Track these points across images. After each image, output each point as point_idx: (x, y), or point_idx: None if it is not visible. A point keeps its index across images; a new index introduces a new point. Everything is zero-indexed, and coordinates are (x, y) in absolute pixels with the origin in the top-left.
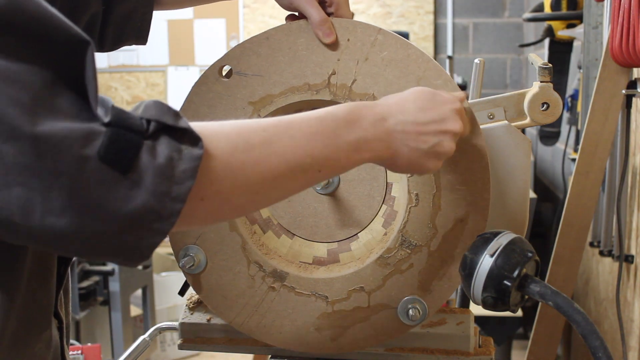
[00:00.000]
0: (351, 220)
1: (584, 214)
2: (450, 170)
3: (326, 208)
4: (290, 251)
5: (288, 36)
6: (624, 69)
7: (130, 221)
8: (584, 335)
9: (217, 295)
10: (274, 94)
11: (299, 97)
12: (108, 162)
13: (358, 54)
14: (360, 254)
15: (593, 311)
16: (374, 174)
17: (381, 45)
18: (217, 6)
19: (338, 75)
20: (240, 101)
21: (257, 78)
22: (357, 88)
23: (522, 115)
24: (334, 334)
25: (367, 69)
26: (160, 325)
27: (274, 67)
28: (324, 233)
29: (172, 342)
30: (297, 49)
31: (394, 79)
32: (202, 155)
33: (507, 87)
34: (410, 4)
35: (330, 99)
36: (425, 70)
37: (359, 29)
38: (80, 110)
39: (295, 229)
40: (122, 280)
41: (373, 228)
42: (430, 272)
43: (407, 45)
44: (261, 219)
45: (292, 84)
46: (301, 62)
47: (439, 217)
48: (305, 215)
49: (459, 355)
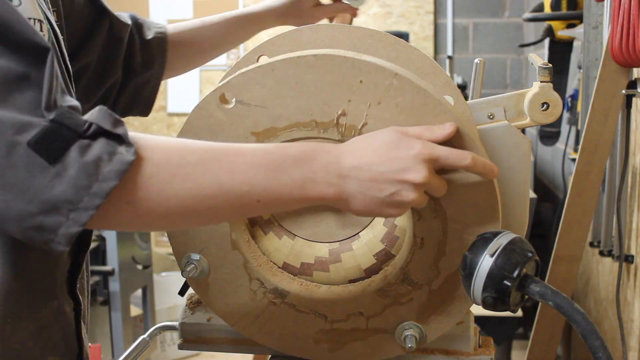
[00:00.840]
0: (352, 219)
1: (584, 214)
2: (459, 220)
3: (327, 208)
4: (292, 252)
5: (295, 70)
6: (624, 69)
7: (49, 206)
8: (584, 335)
9: (220, 302)
10: (278, 127)
11: (305, 134)
12: (37, 150)
13: (370, 97)
14: (362, 254)
15: (593, 311)
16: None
17: (396, 90)
18: (217, 6)
19: (348, 116)
20: (243, 130)
21: (260, 109)
22: (368, 131)
23: (522, 115)
24: (332, 347)
25: (379, 114)
26: (160, 325)
27: (279, 100)
28: (325, 233)
29: (172, 342)
30: (304, 84)
31: (407, 126)
32: (132, 161)
33: (507, 87)
34: (410, 4)
35: (338, 139)
36: (441, 121)
37: (373, 71)
38: (34, 108)
39: (297, 230)
40: (122, 280)
41: (374, 226)
42: (429, 308)
43: (425, 94)
44: (262, 221)
45: (298, 120)
46: (309, 99)
47: (443, 261)
48: (306, 215)
49: (459, 355)
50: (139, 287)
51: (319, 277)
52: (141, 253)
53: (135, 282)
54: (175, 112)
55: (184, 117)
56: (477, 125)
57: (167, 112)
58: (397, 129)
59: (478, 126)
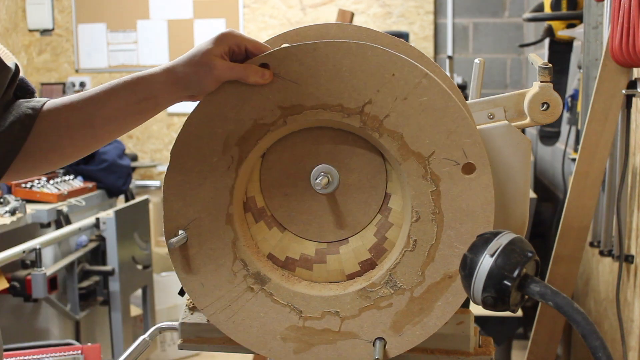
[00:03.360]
0: (344, 224)
1: (584, 214)
2: (454, 227)
3: (321, 208)
4: (279, 244)
5: (335, 53)
6: (624, 69)
7: None
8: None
9: (196, 281)
10: (305, 106)
11: (329, 116)
12: None
13: (398, 92)
14: (347, 259)
15: (593, 311)
16: (374, 183)
17: (424, 89)
18: (217, 6)
19: (373, 105)
20: (271, 103)
21: (292, 85)
22: (388, 123)
23: (522, 115)
24: (298, 348)
25: (402, 108)
26: (160, 325)
27: (313, 79)
28: (315, 232)
29: (172, 342)
30: (340, 68)
31: (425, 126)
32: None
33: (507, 87)
34: (410, 4)
35: (358, 126)
36: (458, 126)
37: (407, 68)
38: None
39: (288, 224)
40: (122, 280)
41: (364, 235)
42: (406, 316)
43: (449, 97)
44: (255, 208)
45: (326, 101)
46: (341, 83)
47: (430, 267)
48: (300, 211)
49: (459, 355)
50: (139, 287)
51: (301, 274)
52: (141, 253)
53: (135, 282)
54: (175, 112)
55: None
56: (477, 125)
57: (167, 112)
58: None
59: (478, 126)
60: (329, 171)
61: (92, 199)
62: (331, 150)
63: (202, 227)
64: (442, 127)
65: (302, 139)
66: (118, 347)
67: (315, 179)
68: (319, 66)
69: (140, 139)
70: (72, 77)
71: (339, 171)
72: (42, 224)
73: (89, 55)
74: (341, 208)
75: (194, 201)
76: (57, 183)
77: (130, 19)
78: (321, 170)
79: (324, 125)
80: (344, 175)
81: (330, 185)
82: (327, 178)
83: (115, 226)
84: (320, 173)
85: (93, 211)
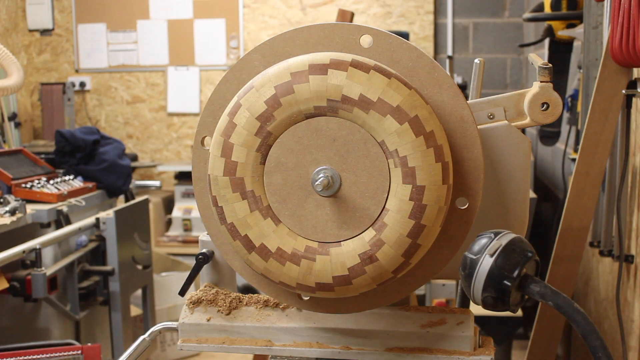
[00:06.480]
0: (339, 227)
1: (584, 214)
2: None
3: (319, 207)
4: (273, 235)
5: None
6: (624, 69)
7: None
8: (584, 335)
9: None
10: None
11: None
12: None
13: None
14: (336, 262)
15: (593, 311)
16: (376, 195)
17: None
18: (217, 6)
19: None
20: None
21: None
22: None
23: (522, 115)
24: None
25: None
26: (160, 325)
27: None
28: (310, 230)
29: (172, 342)
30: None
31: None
32: None
33: (507, 87)
34: (410, 4)
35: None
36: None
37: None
38: None
39: (283, 217)
40: (122, 280)
41: (359, 241)
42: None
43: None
44: (252, 197)
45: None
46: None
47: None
48: (298, 206)
49: (459, 355)
50: (139, 287)
51: (289, 268)
52: (141, 253)
53: (135, 282)
54: (175, 112)
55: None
56: (477, 125)
57: (167, 112)
58: None
59: (478, 126)
60: (330, 173)
61: (92, 199)
62: (335, 151)
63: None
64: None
65: (304, 134)
66: (118, 347)
67: (316, 181)
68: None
69: (140, 139)
70: (72, 77)
71: (341, 174)
72: (42, 224)
73: (89, 55)
74: (338, 210)
75: None
76: (57, 183)
77: (130, 19)
78: (322, 171)
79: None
80: (345, 179)
81: (331, 188)
82: (328, 180)
83: (115, 226)
84: (321, 174)
85: (93, 211)
